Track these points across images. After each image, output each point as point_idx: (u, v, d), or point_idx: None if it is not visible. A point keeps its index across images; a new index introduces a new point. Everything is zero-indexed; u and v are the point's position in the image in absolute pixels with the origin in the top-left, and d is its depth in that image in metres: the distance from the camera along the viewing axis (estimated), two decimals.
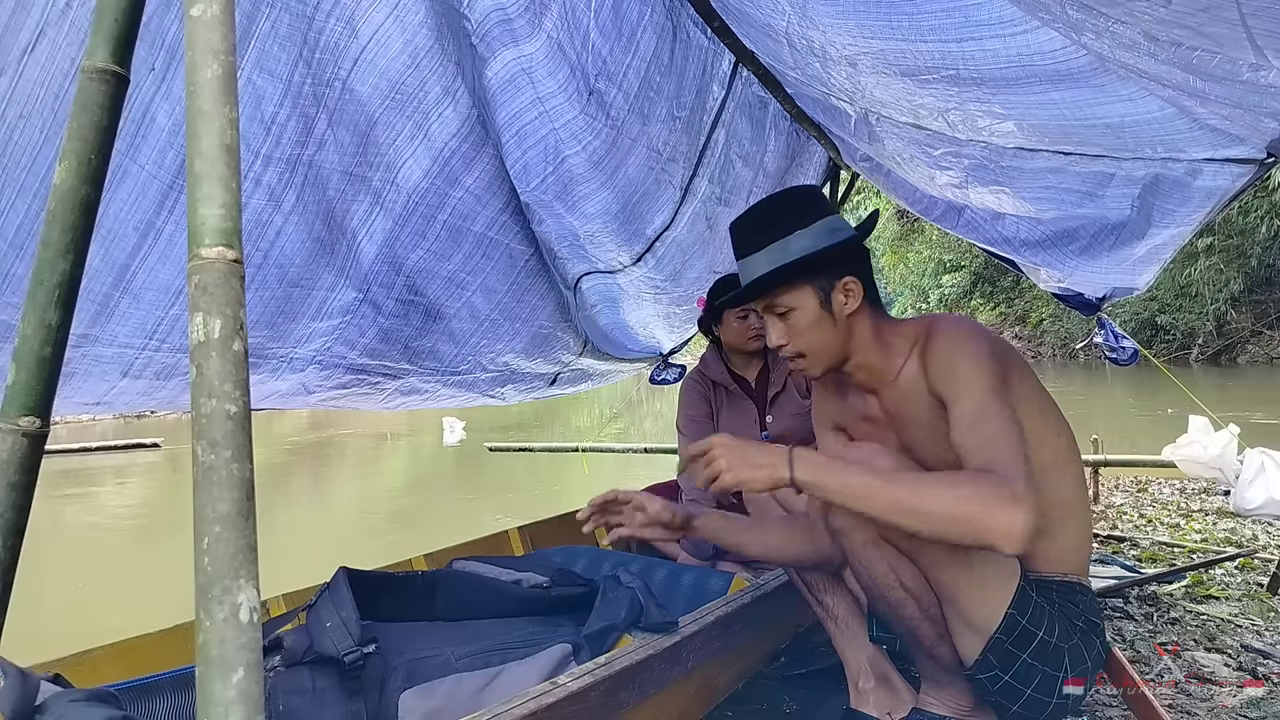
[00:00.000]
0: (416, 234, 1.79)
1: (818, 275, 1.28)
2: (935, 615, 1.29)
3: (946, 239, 20.58)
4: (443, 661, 1.17)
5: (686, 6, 1.82)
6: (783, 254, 1.28)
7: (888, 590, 1.29)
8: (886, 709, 1.47)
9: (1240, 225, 14.75)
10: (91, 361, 1.42)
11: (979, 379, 1.17)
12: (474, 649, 1.21)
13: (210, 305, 0.59)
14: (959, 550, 1.21)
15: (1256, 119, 1.40)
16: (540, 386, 2.64)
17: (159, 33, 1.21)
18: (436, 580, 1.31)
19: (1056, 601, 1.25)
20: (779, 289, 1.30)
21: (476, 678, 1.16)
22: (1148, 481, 4.72)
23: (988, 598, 1.22)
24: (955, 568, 1.23)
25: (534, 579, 1.39)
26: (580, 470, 6.41)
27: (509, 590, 1.35)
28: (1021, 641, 1.21)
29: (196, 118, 0.63)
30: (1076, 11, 1.11)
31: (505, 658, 1.21)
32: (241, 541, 0.54)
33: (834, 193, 3.12)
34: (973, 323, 1.32)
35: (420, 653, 1.17)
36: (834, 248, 1.27)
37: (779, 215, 1.32)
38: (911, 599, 1.28)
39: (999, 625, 1.21)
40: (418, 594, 1.28)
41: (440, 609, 1.30)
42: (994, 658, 1.22)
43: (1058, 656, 1.22)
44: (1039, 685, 1.22)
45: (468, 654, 1.19)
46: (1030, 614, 1.22)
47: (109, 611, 3.63)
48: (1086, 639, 1.24)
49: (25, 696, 0.87)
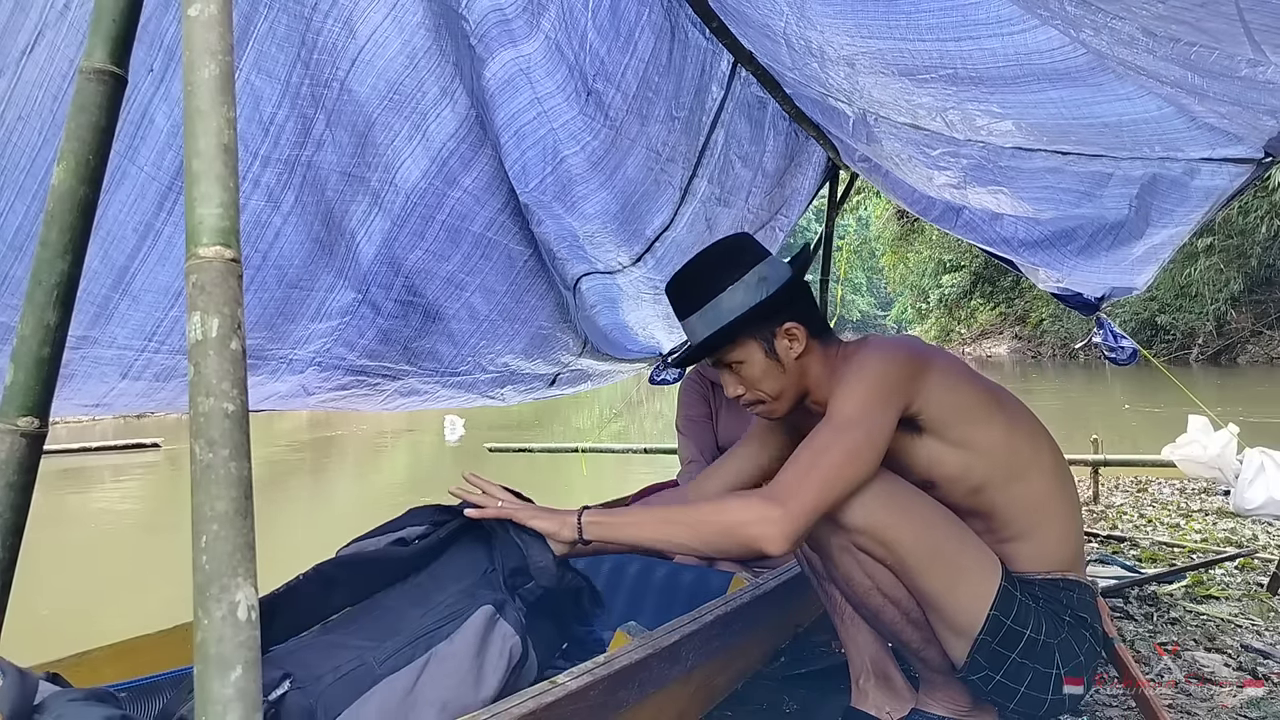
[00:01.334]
0: (415, 234, 1.79)
1: (756, 328, 1.31)
2: (919, 620, 1.28)
3: (946, 239, 20.59)
4: (364, 671, 1.07)
5: (684, 7, 1.83)
6: (716, 315, 1.31)
7: (867, 597, 1.29)
8: (886, 708, 1.47)
9: (1240, 225, 14.76)
10: (91, 363, 1.42)
11: (844, 403, 1.20)
12: (394, 645, 1.11)
13: (208, 304, 0.59)
14: (934, 556, 1.21)
15: (1255, 117, 1.41)
16: (540, 387, 2.64)
17: (157, 34, 1.21)
18: (324, 573, 1.19)
19: (1041, 598, 1.25)
20: (723, 347, 1.33)
21: (404, 676, 1.07)
22: (1148, 481, 4.72)
23: (968, 601, 1.22)
24: (931, 574, 1.22)
25: (414, 530, 1.28)
26: (580, 470, 6.41)
27: (397, 553, 1.24)
28: (1008, 641, 1.21)
29: (194, 117, 0.63)
30: (1075, 7, 1.11)
31: (430, 643, 1.11)
32: (239, 540, 0.54)
33: (833, 192, 3.12)
34: (886, 347, 1.28)
35: (340, 668, 1.06)
36: (765, 302, 1.29)
37: (709, 274, 1.34)
38: (891, 604, 1.28)
39: (982, 627, 1.21)
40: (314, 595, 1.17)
41: (340, 599, 1.19)
42: (982, 659, 1.22)
43: (1048, 653, 1.22)
44: (1032, 683, 1.21)
45: (389, 653, 1.10)
46: (1015, 613, 1.21)
47: (108, 611, 3.63)
48: (1076, 633, 1.24)
49: (24, 696, 0.87)
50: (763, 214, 2.74)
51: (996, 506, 1.27)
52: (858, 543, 1.24)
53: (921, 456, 1.28)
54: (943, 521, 1.25)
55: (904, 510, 1.23)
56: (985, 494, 1.27)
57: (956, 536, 1.25)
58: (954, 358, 1.35)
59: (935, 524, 1.24)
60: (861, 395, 1.20)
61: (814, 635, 2.05)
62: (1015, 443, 1.28)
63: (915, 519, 1.23)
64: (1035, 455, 1.29)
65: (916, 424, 1.26)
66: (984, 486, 1.26)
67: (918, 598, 1.25)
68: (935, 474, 1.28)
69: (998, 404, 1.30)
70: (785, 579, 1.70)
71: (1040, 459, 1.30)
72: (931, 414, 1.25)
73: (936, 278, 24.95)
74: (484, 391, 2.38)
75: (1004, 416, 1.29)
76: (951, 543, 1.24)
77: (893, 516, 1.22)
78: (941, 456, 1.27)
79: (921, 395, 1.24)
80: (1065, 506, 1.30)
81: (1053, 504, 1.29)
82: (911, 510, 1.24)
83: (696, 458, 2.38)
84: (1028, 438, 1.30)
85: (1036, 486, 1.28)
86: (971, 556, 1.24)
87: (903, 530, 1.21)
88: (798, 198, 2.88)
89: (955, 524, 1.26)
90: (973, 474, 1.26)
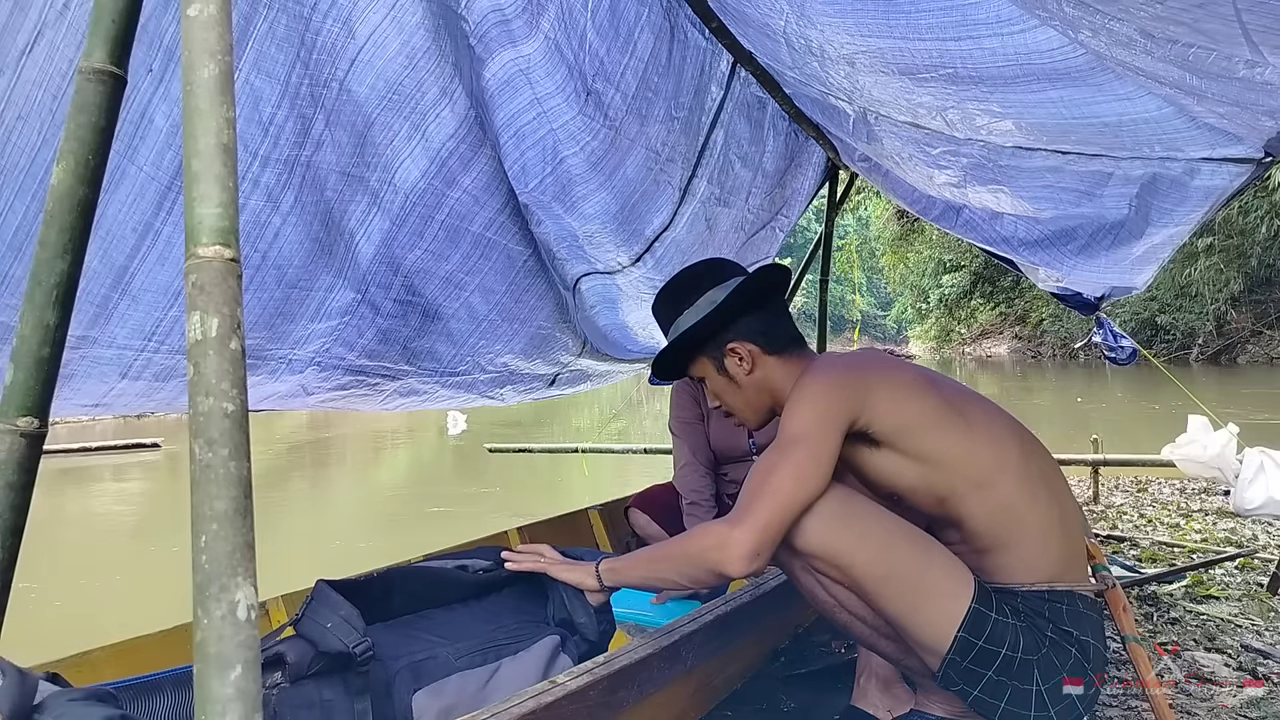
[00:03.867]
0: (414, 234, 1.79)
1: (704, 347, 1.40)
2: (889, 634, 1.26)
3: (946, 239, 20.60)
4: (442, 661, 1.18)
5: (684, 7, 1.83)
6: (675, 334, 1.42)
7: (833, 614, 1.29)
8: (887, 707, 1.47)
9: (1240, 225, 14.77)
10: (90, 363, 1.42)
11: (786, 423, 1.24)
12: (467, 647, 1.22)
13: (207, 304, 0.59)
14: (892, 579, 1.19)
15: (1254, 117, 1.41)
16: (539, 387, 2.64)
17: (157, 34, 1.21)
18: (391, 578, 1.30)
19: (1023, 612, 1.20)
20: (685, 365, 1.44)
21: (478, 674, 1.18)
22: (1148, 481, 4.72)
23: (932, 623, 1.18)
24: (890, 596, 1.20)
25: (478, 564, 1.39)
26: (580, 471, 6.41)
27: (461, 578, 1.35)
28: (982, 660, 1.17)
29: (193, 117, 0.63)
30: (1073, 9, 1.11)
31: (499, 654, 1.22)
32: (239, 539, 0.55)
33: (832, 192, 3.12)
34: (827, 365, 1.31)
35: (415, 654, 1.17)
36: (703, 322, 1.36)
37: (674, 296, 1.45)
38: (858, 621, 1.27)
39: (950, 647, 1.17)
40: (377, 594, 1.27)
41: (398, 606, 1.30)
42: (955, 675, 1.19)
43: (1026, 670, 1.17)
44: (1011, 699, 1.17)
45: (464, 652, 1.20)
46: (989, 633, 1.17)
47: (109, 611, 3.63)
48: (1058, 649, 1.19)
49: (23, 695, 0.87)
50: (763, 214, 2.74)
51: (964, 517, 1.23)
52: (815, 565, 1.23)
53: (882, 469, 1.27)
54: (904, 541, 1.22)
55: (861, 532, 1.20)
56: (950, 504, 1.24)
57: (920, 556, 1.21)
58: (906, 367, 1.33)
59: (895, 544, 1.21)
60: (802, 414, 1.23)
61: (814, 635, 2.05)
62: (975, 450, 1.24)
63: (872, 540, 1.20)
64: (1000, 462, 1.24)
65: (870, 437, 1.25)
66: (948, 497, 1.23)
67: (882, 617, 1.23)
68: (898, 486, 1.27)
69: (954, 411, 1.26)
70: (785, 579, 1.70)
71: (1007, 465, 1.24)
72: (881, 427, 1.24)
73: (936, 278, 24.96)
74: (483, 391, 2.38)
75: (961, 424, 1.25)
76: (914, 563, 1.20)
77: (848, 540, 1.20)
78: (900, 469, 1.25)
79: (868, 409, 1.23)
80: (1043, 512, 1.24)
81: (1028, 510, 1.23)
82: (869, 531, 1.21)
83: (690, 459, 2.38)
84: (989, 444, 1.25)
85: (1005, 494, 1.22)
86: (937, 576, 1.20)
87: (858, 553, 1.19)
88: (797, 198, 2.88)
89: (920, 542, 1.23)
90: (933, 485, 1.24)
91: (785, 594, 1.71)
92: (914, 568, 1.20)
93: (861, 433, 1.25)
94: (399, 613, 1.30)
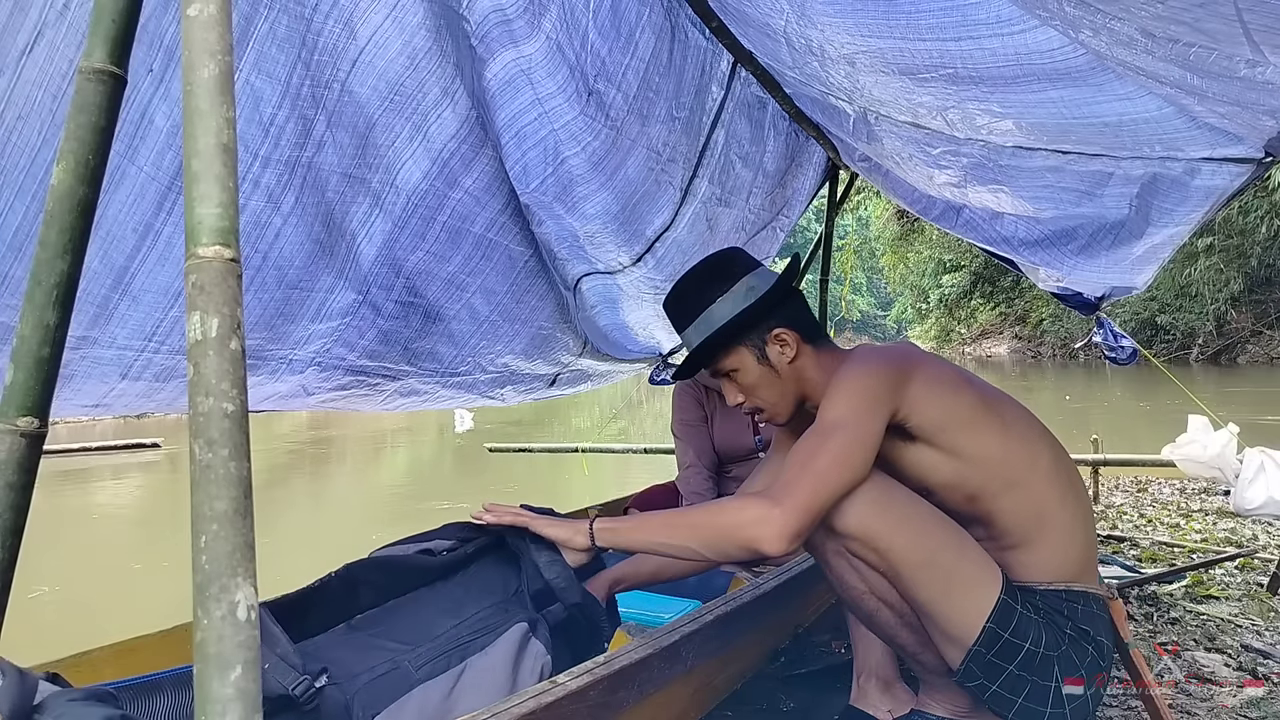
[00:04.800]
0: (416, 235, 1.79)
1: (747, 335, 1.35)
2: (913, 624, 1.26)
3: (946, 239, 20.59)
4: (401, 674, 1.11)
5: (684, 7, 1.83)
6: (707, 325, 1.35)
7: (861, 600, 1.28)
8: (887, 706, 1.47)
9: (1240, 225, 14.77)
10: (90, 363, 1.42)
11: (829, 409, 1.22)
12: (429, 652, 1.15)
13: (207, 304, 0.59)
14: (928, 565, 1.20)
15: (1254, 117, 1.41)
16: (540, 387, 2.64)
17: (157, 34, 1.21)
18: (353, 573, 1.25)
19: (1043, 609, 1.22)
20: (717, 356, 1.37)
21: (441, 683, 1.11)
22: (1148, 481, 4.72)
23: (963, 611, 1.20)
24: (925, 582, 1.20)
25: (441, 544, 1.33)
26: (580, 470, 6.41)
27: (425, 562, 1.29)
28: (1006, 653, 1.18)
29: (193, 117, 0.63)
30: (1074, 8, 1.11)
31: (464, 654, 1.16)
32: (239, 540, 0.54)
33: (833, 192, 3.12)
34: (872, 355, 1.30)
35: (375, 669, 1.10)
36: (751, 309, 1.32)
37: (701, 286, 1.39)
38: (886, 608, 1.27)
39: (978, 638, 1.19)
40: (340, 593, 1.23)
41: (365, 600, 1.24)
42: (977, 668, 1.20)
43: (1047, 666, 1.19)
44: (1030, 695, 1.19)
45: (425, 659, 1.14)
46: (1014, 626, 1.19)
47: (109, 611, 3.63)
48: (1077, 646, 1.21)
49: (23, 695, 0.87)
50: (763, 214, 2.74)
51: (994, 514, 1.25)
52: (851, 548, 1.23)
53: (916, 464, 1.27)
54: (940, 530, 1.24)
55: (899, 517, 1.21)
56: (981, 501, 1.25)
57: (954, 545, 1.23)
58: (945, 365, 1.34)
59: (931, 532, 1.23)
60: (847, 401, 1.21)
61: (814, 635, 2.05)
62: (1010, 449, 1.26)
63: (910, 526, 1.21)
64: (1032, 462, 1.27)
65: (907, 431, 1.26)
66: (979, 494, 1.25)
67: (911, 605, 1.24)
68: (930, 481, 1.27)
69: (991, 410, 1.28)
70: (785, 579, 1.70)
71: (1038, 465, 1.27)
72: (919, 421, 1.24)
73: (936, 278, 24.97)
74: (484, 392, 2.38)
75: (997, 423, 1.27)
76: (948, 552, 1.22)
77: (887, 523, 1.20)
78: (935, 464, 1.26)
79: (908, 403, 1.24)
80: (1069, 514, 1.27)
81: (1055, 511, 1.26)
82: (907, 517, 1.22)
83: (694, 461, 2.38)
84: (1023, 444, 1.28)
85: (1036, 494, 1.25)
86: (969, 566, 1.22)
87: (896, 537, 1.20)
88: (798, 198, 2.88)
89: (954, 532, 1.24)
90: (967, 481, 1.25)
91: (785, 594, 1.71)
92: (949, 556, 1.22)
93: (899, 426, 1.25)
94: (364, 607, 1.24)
